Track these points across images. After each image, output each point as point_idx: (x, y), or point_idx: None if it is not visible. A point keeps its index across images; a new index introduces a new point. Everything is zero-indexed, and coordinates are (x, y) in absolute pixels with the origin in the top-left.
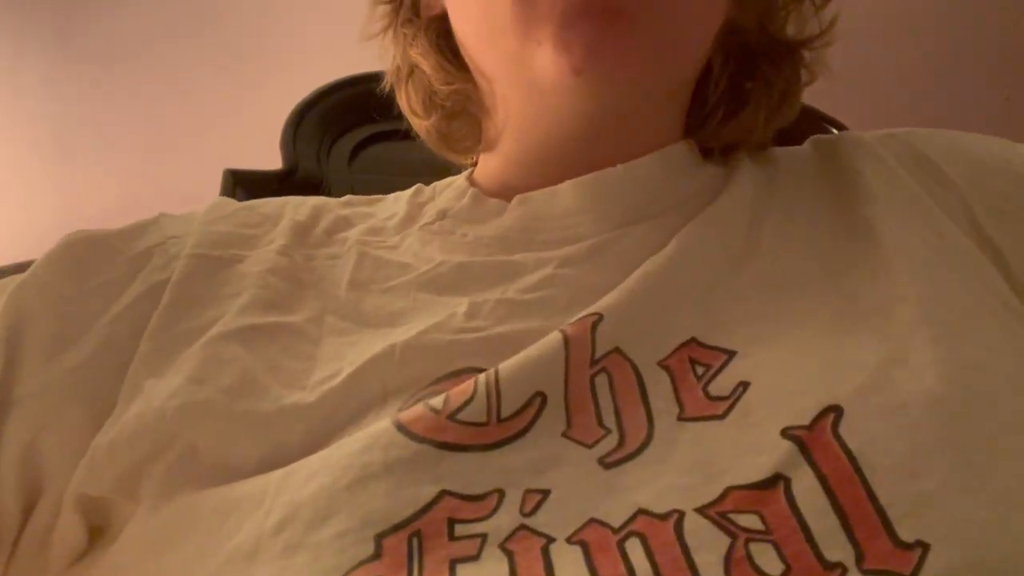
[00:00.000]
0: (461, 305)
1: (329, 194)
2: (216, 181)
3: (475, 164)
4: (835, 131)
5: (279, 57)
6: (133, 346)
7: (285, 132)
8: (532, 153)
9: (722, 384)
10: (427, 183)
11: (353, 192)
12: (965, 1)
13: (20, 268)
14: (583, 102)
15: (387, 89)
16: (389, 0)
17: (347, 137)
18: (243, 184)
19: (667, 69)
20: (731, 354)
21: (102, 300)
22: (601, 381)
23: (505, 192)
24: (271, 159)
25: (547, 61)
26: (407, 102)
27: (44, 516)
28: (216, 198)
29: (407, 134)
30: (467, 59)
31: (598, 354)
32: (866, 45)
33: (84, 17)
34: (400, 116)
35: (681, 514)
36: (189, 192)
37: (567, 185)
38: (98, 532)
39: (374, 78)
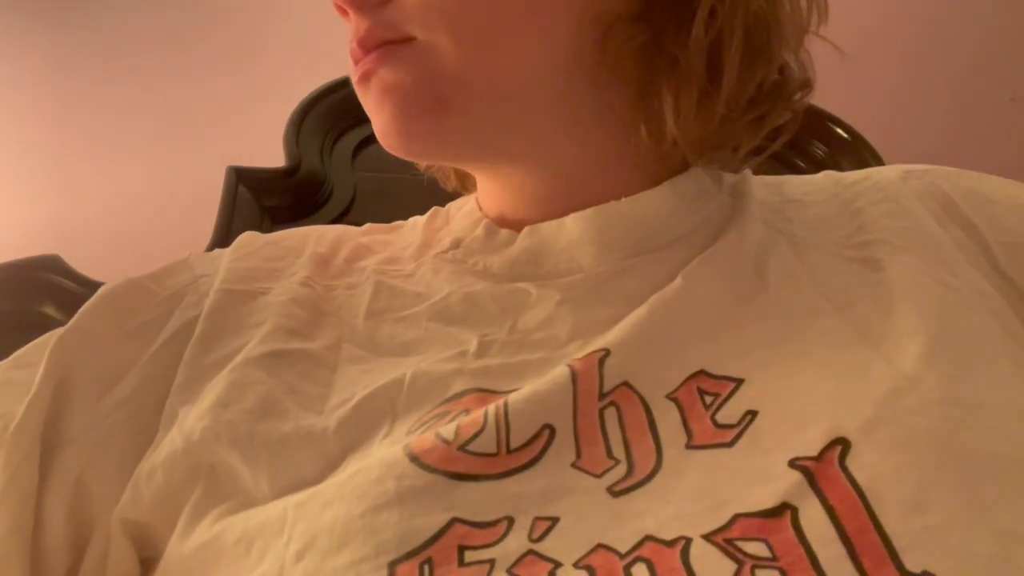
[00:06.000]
0: (471, 343)
1: (332, 191)
2: (219, 179)
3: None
4: (840, 130)
5: (282, 55)
6: (171, 377)
7: (288, 130)
8: (539, 187)
9: (730, 412)
10: (427, 181)
11: (356, 189)
12: (970, 0)
13: (20, 266)
14: None
15: None
16: None
17: (350, 135)
18: (246, 181)
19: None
20: (739, 382)
21: (142, 340)
22: (610, 414)
23: (514, 222)
24: (274, 157)
25: None
26: None
27: (99, 547)
28: (244, 233)
29: None
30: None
31: (606, 388)
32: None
33: (86, 15)
34: None
35: (688, 540)
36: (192, 190)
37: (572, 218)
38: (151, 564)
39: None
